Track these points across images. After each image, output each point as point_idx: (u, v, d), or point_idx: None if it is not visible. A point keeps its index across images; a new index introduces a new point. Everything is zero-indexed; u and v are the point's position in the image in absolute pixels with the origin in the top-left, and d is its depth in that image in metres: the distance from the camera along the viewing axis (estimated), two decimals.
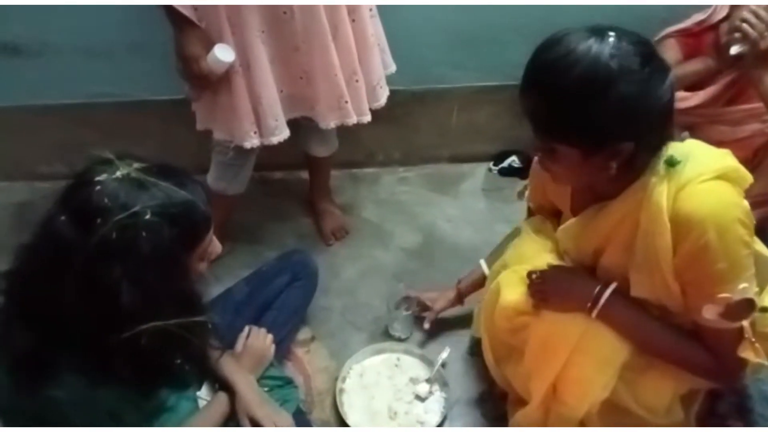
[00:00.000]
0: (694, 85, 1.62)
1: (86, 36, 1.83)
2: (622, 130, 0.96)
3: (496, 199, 2.11)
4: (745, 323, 1.03)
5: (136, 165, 0.95)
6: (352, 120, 1.61)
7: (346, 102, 1.57)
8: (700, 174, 1.02)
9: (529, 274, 1.25)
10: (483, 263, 1.56)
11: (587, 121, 0.95)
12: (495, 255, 1.51)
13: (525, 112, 1.02)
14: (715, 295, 1.02)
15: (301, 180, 2.10)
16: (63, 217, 0.90)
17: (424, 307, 1.66)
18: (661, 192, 1.02)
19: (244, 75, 1.48)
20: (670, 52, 1.64)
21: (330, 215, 1.99)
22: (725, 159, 1.08)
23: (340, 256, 1.92)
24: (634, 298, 1.13)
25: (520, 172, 2.14)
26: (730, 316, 1.02)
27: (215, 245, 1.06)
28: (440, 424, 1.47)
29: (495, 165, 2.20)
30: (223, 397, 1.24)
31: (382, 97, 1.67)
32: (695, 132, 1.66)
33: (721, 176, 1.04)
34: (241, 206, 1.87)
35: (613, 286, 1.13)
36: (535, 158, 1.21)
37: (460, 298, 1.63)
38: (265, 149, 1.63)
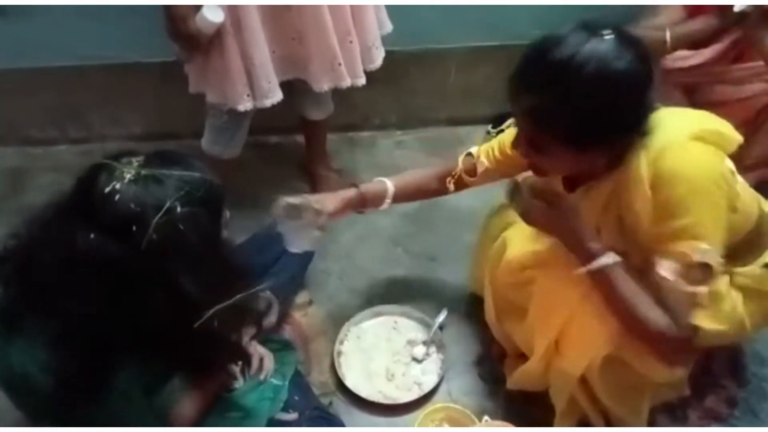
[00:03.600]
0: (696, 43, 1.58)
1: None
2: (628, 123, 0.99)
3: None
4: (701, 290, 1.00)
5: (135, 161, 0.93)
6: (346, 83, 1.58)
7: (339, 64, 1.54)
8: (674, 138, 1.03)
9: (541, 191, 1.16)
10: (386, 180, 1.42)
11: (597, 118, 0.96)
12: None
13: (522, 112, 1.02)
14: (674, 250, 1.01)
15: (297, 144, 2.07)
16: (92, 235, 0.88)
17: (315, 213, 1.35)
18: (639, 164, 1.03)
19: (235, 36, 1.44)
20: (673, 10, 1.60)
21: (327, 180, 1.98)
22: (702, 121, 1.08)
23: (338, 221, 1.91)
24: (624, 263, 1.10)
25: None
26: (686, 276, 1.00)
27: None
28: (437, 386, 1.49)
29: (493, 127, 2.17)
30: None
31: (378, 58, 1.64)
32: (697, 92, 1.63)
33: (698, 138, 1.04)
34: (236, 171, 1.85)
35: (614, 258, 1.07)
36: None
37: (362, 203, 1.41)
38: (260, 113, 1.60)
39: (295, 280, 1.62)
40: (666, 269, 1.01)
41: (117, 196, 0.88)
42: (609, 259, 1.07)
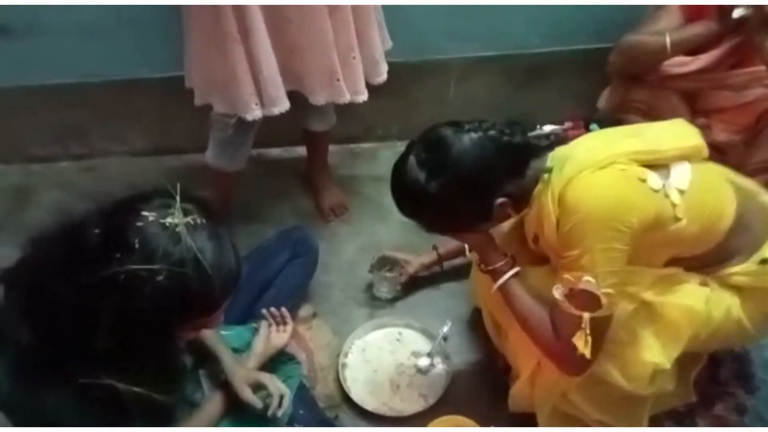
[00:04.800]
0: (696, 49, 1.58)
1: (76, 14, 1.80)
2: (499, 185, 1.10)
3: None
4: (586, 316, 1.06)
5: (190, 219, 0.88)
6: (345, 98, 1.56)
7: (338, 80, 1.53)
8: (580, 170, 1.07)
9: None
10: None
11: (470, 203, 1.11)
12: None
13: (424, 228, 1.20)
14: (563, 275, 1.08)
15: (299, 156, 2.08)
16: (97, 230, 0.87)
17: (401, 270, 1.70)
18: (546, 199, 1.10)
19: (243, 42, 1.42)
20: (671, 16, 1.61)
21: (329, 192, 1.98)
22: (613, 143, 1.11)
23: (340, 233, 1.92)
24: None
25: None
26: (572, 301, 1.08)
27: (218, 321, 1.01)
28: (442, 397, 1.48)
29: None
30: (217, 396, 1.21)
31: (384, 71, 1.64)
32: (697, 98, 1.63)
33: (607, 165, 1.07)
34: (238, 184, 1.86)
35: (515, 270, 1.19)
36: None
37: (439, 262, 1.70)
38: (263, 125, 1.60)
39: (298, 292, 1.62)
40: (557, 291, 1.09)
41: (140, 223, 0.86)
42: (507, 275, 1.19)
